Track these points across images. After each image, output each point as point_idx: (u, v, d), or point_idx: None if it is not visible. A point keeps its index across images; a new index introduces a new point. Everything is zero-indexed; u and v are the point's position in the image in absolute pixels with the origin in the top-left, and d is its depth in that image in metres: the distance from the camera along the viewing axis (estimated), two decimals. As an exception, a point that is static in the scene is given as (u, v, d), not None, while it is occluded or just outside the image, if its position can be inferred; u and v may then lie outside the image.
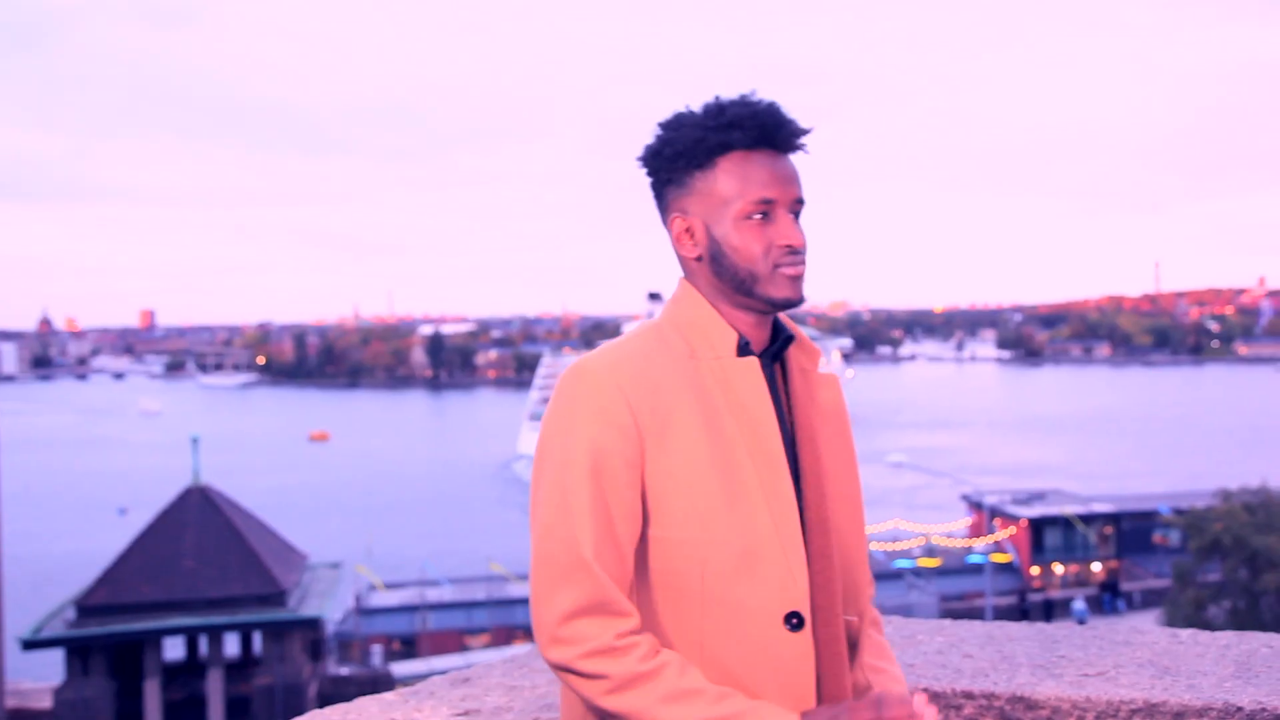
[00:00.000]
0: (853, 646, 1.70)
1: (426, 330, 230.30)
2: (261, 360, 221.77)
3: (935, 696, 2.26)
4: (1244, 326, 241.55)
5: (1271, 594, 35.37)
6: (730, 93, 1.67)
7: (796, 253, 1.63)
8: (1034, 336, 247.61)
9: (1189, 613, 34.76)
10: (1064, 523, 50.27)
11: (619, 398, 1.56)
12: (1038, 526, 50.26)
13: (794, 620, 1.57)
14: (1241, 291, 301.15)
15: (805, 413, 1.67)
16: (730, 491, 1.56)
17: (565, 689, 1.65)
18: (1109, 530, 51.42)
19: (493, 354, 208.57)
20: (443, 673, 2.44)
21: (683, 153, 1.63)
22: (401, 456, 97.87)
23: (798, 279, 1.64)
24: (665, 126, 1.66)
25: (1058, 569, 50.76)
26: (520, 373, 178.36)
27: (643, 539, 1.58)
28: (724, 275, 1.64)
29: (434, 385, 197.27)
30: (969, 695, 2.25)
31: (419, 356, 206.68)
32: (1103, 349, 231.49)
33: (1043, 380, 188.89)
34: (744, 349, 1.64)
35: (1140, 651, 2.48)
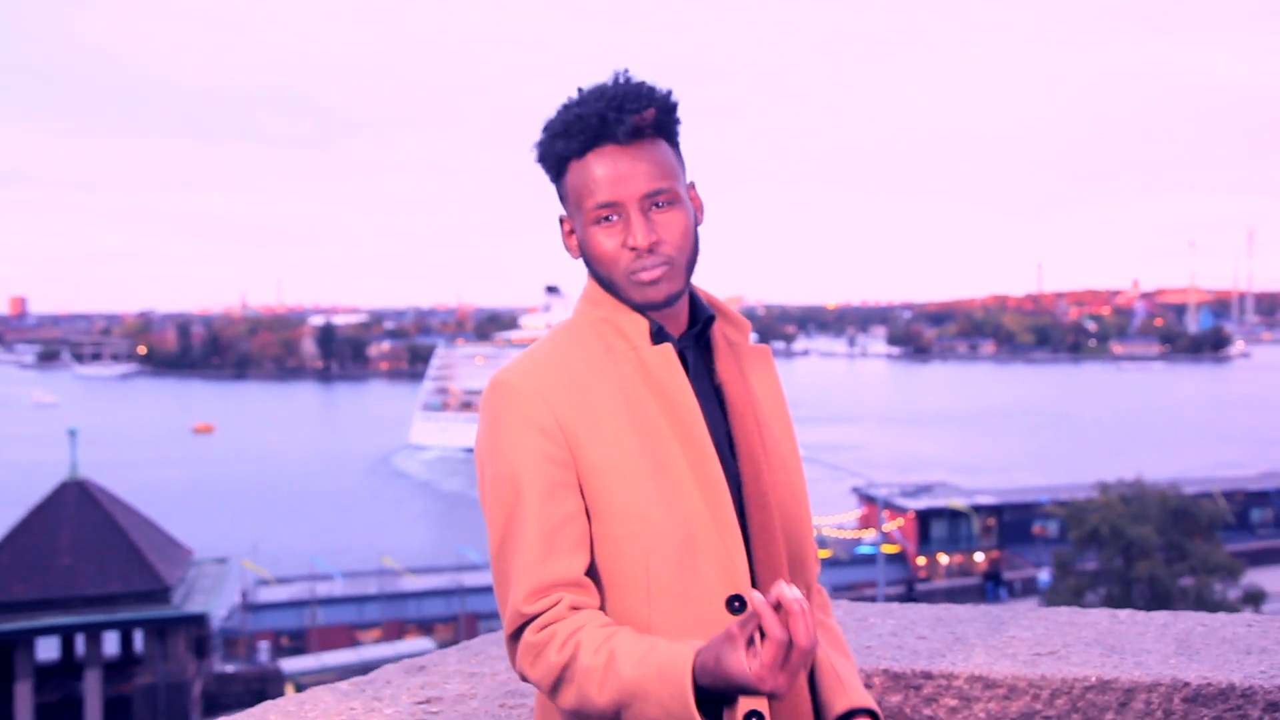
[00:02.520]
0: None
1: (317, 321, 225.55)
2: (143, 350, 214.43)
3: (895, 677, 2.26)
4: (1119, 326, 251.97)
5: (1144, 581, 37.00)
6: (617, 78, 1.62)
7: (644, 254, 1.58)
8: (923, 333, 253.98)
9: (1068, 600, 36.09)
10: (949, 514, 51.79)
11: (539, 403, 1.56)
12: (925, 518, 51.69)
13: (736, 604, 1.56)
14: (1117, 293, 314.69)
15: (737, 388, 1.65)
16: (664, 482, 1.56)
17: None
18: (991, 521, 53.13)
19: (385, 345, 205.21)
20: (334, 669, 2.36)
21: (540, 161, 1.65)
22: (290, 449, 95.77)
23: (654, 282, 1.58)
24: (542, 129, 1.65)
25: (943, 559, 52.27)
26: (414, 364, 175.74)
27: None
28: (594, 276, 1.65)
29: (325, 377, 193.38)
30: (928, 675, 2.26)
31: (309, 347, 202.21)
32: (988, 346, 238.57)
33: (931, 376, 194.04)
34: (659, 335, 1.62)
35: (1085, 631, 2.54)
